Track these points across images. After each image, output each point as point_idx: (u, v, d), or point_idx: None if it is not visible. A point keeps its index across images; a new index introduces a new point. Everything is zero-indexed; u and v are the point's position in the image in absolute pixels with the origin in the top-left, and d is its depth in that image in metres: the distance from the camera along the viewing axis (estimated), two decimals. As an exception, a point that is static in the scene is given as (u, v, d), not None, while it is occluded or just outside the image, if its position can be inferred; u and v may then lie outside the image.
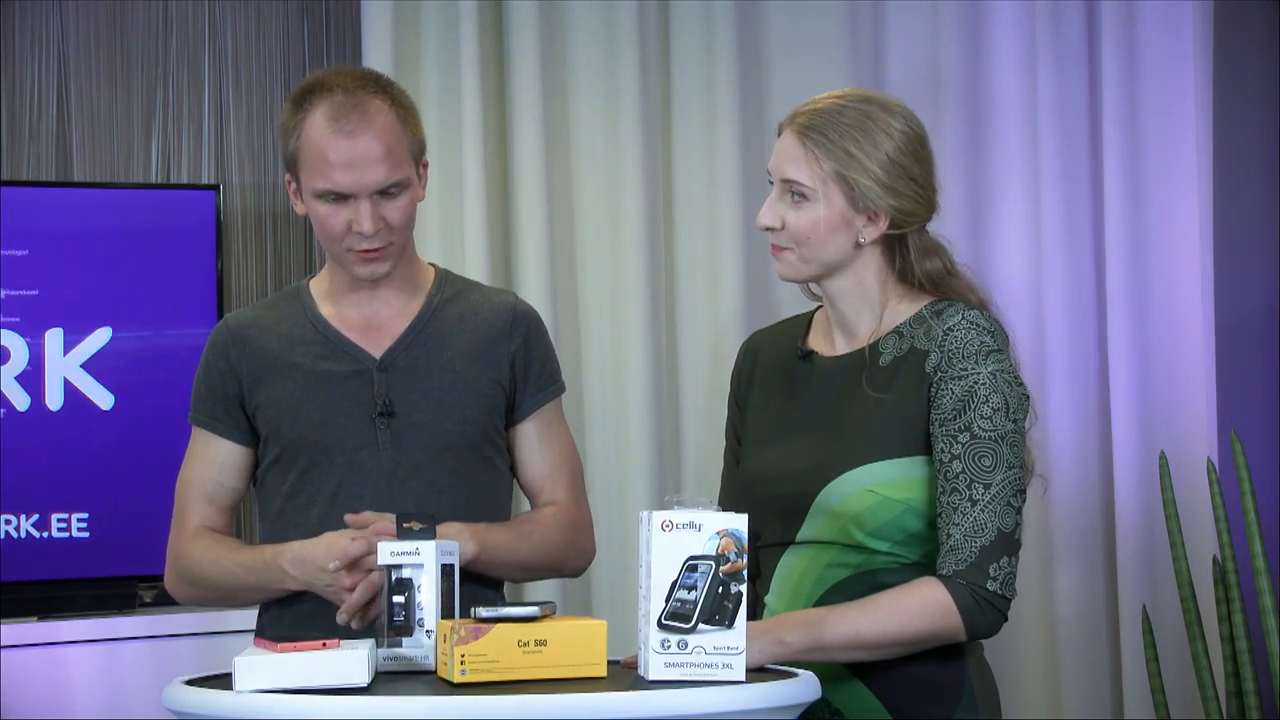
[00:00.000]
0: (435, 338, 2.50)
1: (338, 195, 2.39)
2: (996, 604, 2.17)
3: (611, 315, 3.64)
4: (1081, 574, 3.58)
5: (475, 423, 2.49)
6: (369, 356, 2.48)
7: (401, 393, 2.46)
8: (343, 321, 2.50)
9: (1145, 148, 3.60)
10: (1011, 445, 2.20)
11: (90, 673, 3.36)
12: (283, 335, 2.50)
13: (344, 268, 2.47)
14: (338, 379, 2.47)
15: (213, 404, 2.51)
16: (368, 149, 2.39)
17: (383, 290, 2.51)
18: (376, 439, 2.44)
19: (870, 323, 2.31)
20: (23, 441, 3.46)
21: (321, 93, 2.42)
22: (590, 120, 3.65)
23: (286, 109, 2.46)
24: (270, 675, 1.92)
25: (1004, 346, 2.25)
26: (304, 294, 2.55)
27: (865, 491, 2.22)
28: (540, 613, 2.01)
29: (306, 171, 2.41)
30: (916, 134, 2.29)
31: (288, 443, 2.46)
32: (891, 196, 2.25)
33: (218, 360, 2.51)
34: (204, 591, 2.50)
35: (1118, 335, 3.57)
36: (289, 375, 2.47)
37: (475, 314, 2.54)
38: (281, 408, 2.46)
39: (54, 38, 3.72)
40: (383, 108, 2.42)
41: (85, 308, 3.51)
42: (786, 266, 2.31)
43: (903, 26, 3.71)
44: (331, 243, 2.44)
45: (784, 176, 2.27)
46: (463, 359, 2.50)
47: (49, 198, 3.53)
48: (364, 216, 2.39)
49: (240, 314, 2.57)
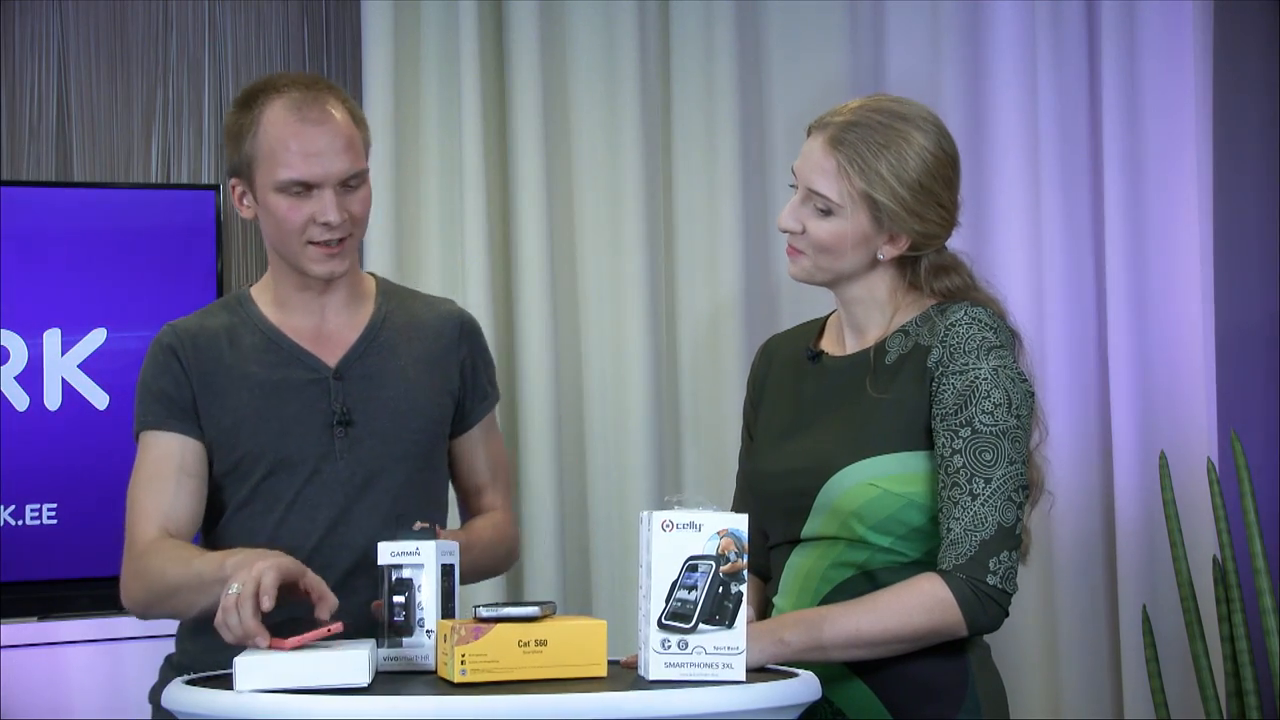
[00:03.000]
0: (387, 346, 2.50)
1: (303, 186, 2.38)
2: (997, 599, 2.17)
3: (611, 315, 3.64)
4: (1081, 574, 3.58)
5: (429, 431, 2.49)
6: (324, 365, 2.46)
7: (358, 402, 2.45)
8: (293, 330, 2.48)
9: (1145, 148, 3.60)
10: (1013, 440, 2.20)
11: (90, 673, 3.36)
12: (232, 343, 2.47)
13: (299, 267, 2.44)
14: (294, 388, 2.44)
15: (167, 404, 2.44)
16: (332, 139, 2.39)
17: (331, 297, 2.49)
18: (335, 448, 2.43)
19: (880, 325, 2.32)
20: (23, 441, 3.46)
21: (272, 92, 2.41)
22: (590, 120, 3.65)
23: (231, 112, 2.44)
24: (270, 675, 1.92)
25: (1006, 343, 2.25)
26: (247, 302, 2.51)
27: (866, 485, 2.23)
28: (540, 612, 2.01)
29: (265, 166, 2.39)
30: (948, 155, 2.28)
31: (245, 452, 2.43)
32: (917, 222, 2.25)
33: (170, 363, 2.45)
34: (158, 605, 2.36)
35: (1118, 336, 3.57)
36: (243, 384, 2.44)
37: (422, 323, 2.54)
38: (238, 417, 2.43)
39: (54, 38, 3.72)
40: (338, 104, 2.43)
41: (84, 308, 3.51)
42: (800, 269, 2.31)
43: (903, 27, 3.71)
44: (290, 238, 2.41)
45: (811, 187, 2.26)
46: (415, 368, 2.50)
47: (49, 198, 3.53)
48: (329, 207, 2.38)
49: (185, 321, 2.51)
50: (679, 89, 3.69)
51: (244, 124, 2.42)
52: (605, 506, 3.59)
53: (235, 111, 2.44)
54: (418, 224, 3.61)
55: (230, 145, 2.44)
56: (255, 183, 2.42)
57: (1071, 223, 3.63)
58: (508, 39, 3.60)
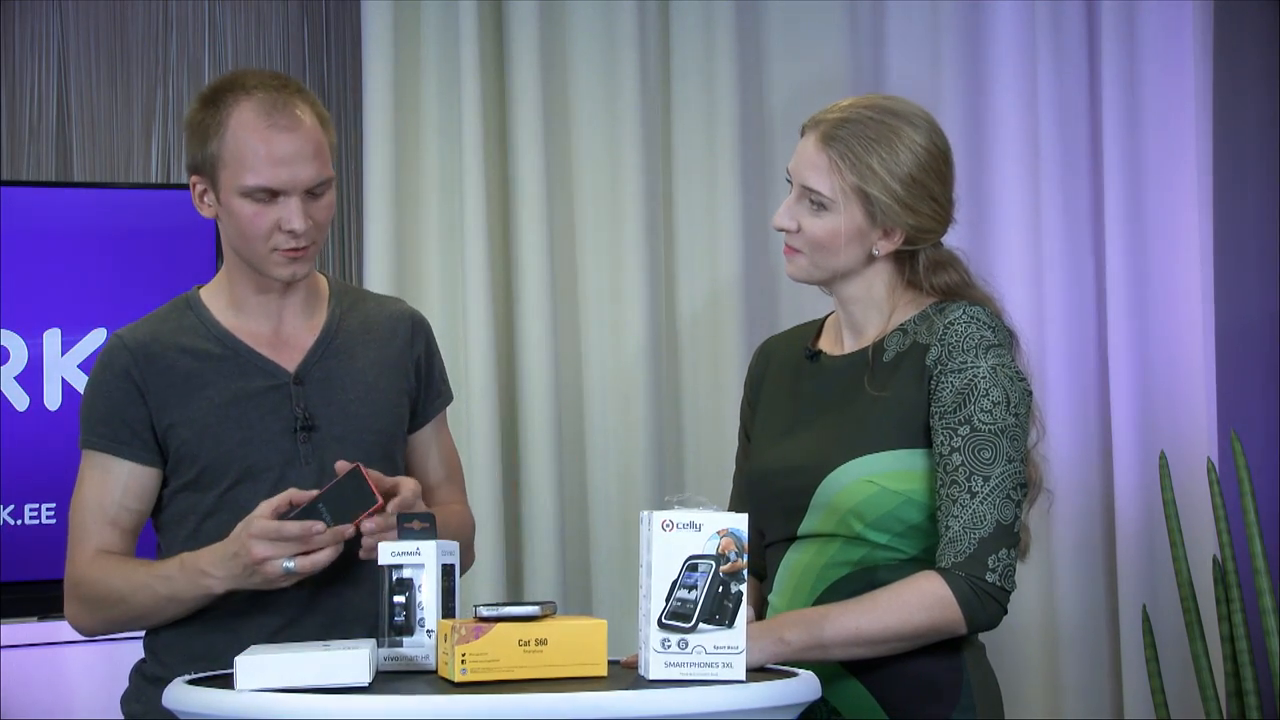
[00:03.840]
0: (344, 349, 2.48)
1: (268, 193, 2.35)
2: (996, 596, 2.18)
3: (612, 314, 3.63)
4: (1081, 574, 3.58)
5: (388, 432, 2.48)
6: (282, 370, 2.44)
7: (319, 406, 2.43)
8: (249, 335, 2.45)
9: (1145, 147, 3.60)
10: (1012, 439, 2.21)
11: (90, 673, 3.36)
12: (187, 351, 2.43)
13: (261, 270, 2.40)
14: (254, 395, 2.42)
15: (115, 427, 2.41)
16: (301, 146, 2.35)
17: (288, 299, 2.46)
18: (299, 453, 2.41)
19: (878, 324, 2.32)
20: (23, 441, 3.46)
21: (240, 92, 2.37)
22: (590, 120, 3.65)
23: (196, 108, 2.40)
24: (271, 675, 1.92)
25: (1005, 342, 2.26)
26: (198, 306, 2.48)
27: (864, 482, 2.23)
28: (541, 612, 2.01)
29: (231, 169, 2.35)
30: (940, 150, 2.29)
31: (209, 463, 2.40)
32: (910, 215, 2.26)
33: (118, 380, 2.41)
34: (113, 612, 2.38)
35: (1118, 336, 3.57)
36: (202, 394, 2.41)
37: (376, 324, 2.52)
38: (199, 428, 2.40)
39: (54, 38, 3.72)
40: (307, 109, 2.39)
41: (84, 308, 3.50)
42: (798, 269, 2.32)
43: (903, 27, 3.71)
44: (253, 243, 2.38)
45: (805, 184, 2.28)
46: (373, 370, 2.48)
47: (49, 198, 3.53)
48: (295, 215, 2.35)
49: (135, 330, 2.46)
50: (679, 89, 3.69)
51: (209, 123, 2.37)
52: (605, 506, 3.59)
53: (200, 108, 2.40)
54: (417, 223, 3.60)
55: (193, 141, 2.39)
56: (219, 183, 2.38)
57: (1071, 223, 3.63)
58: (508, 39, 3.60)
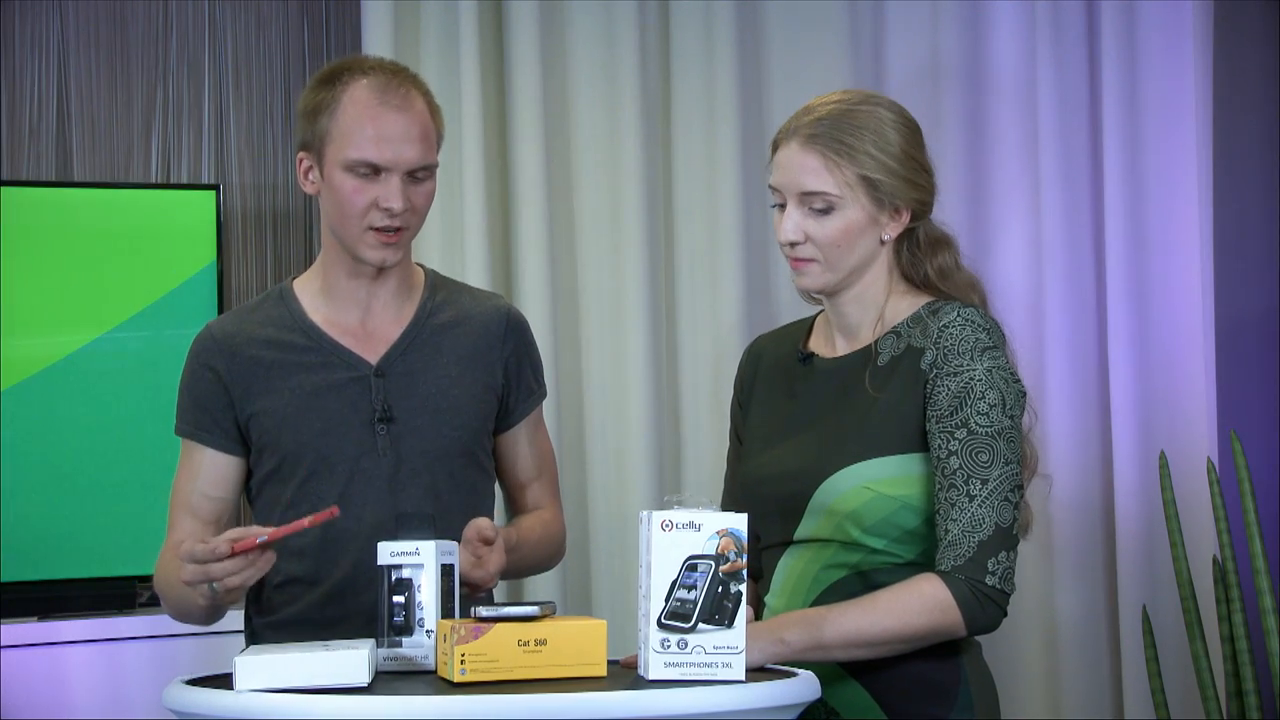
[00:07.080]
0: (430, 343, 2.49)
1: (371, 169, 2.38)
2: (995, 599, 2.18)
3: (612, 315, 3.64)
4: (1081, 574, 3.58)
5: (471, 428, 2.49)
6: (364, 362, 2.46)
7: (399, 398, 2.45)
8: (335, 326, 2.48)
9: (1145, 147, 3.60)
10: (1009, 441, 2.21)
11: (90, 673, 3.36)
12: (271, 342, 2.47)
13: (354, 252, 2.43)
14: (335, 387, 2.44)
15: (199, 414, 2.47)
16: (408, 127, 2.39)
17: (380, 287, 2.48)
18: (377, 445, 2.43)
19: (871, 323, 2.31)
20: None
21: (357, 72, 2.42)
22: (590, 120, 3.65)
23: (312, 90, 2.44)
24: (270, 675, 1.92)
25: (999, 343, 2.25)
26: (289, 297, 2.51)
27: (861, 488, 2.23)
28: (540, 612, 2.01)
29: (338, 143, 2.39)
30: (912, 120, 2.31)
31: (287, 453, 2.43)
32: (914, 190, 2.27)
33: (204, 370, 2.47)
34: (166, 605, 2.47)
35: (1118, 335, 3.57)
36: (283, 384, 2.44)
37: (468, 319, 2.53)
38: (279, 418, 2.43)
39: (54, 38, 3.72)
40: (419, 96, 2.44)
41: (84, 308, 3.50)
42: (812, 279, 2.29)
43: (903, 27, 3.71)
44: (350, 220, 2.40)
45: (803, 190, 2.25)
46: (458, 365, 2.49)
47: (49, 198, 3.53)
48: (394, 194, 2.38)
49: (224, 321, 2.52)
50: (679, 89, 3.69)
51: (324, 100, 2.41)
52: (605, 506, 3.59)
53: (315, 87, 2.44)
54: (418, 224, 3.60)
55: (305, 120, 2.43)
56: (325, 158, 2.41)
57: (1071, 221, 3.63)
58: (508, 39, 3.60)
